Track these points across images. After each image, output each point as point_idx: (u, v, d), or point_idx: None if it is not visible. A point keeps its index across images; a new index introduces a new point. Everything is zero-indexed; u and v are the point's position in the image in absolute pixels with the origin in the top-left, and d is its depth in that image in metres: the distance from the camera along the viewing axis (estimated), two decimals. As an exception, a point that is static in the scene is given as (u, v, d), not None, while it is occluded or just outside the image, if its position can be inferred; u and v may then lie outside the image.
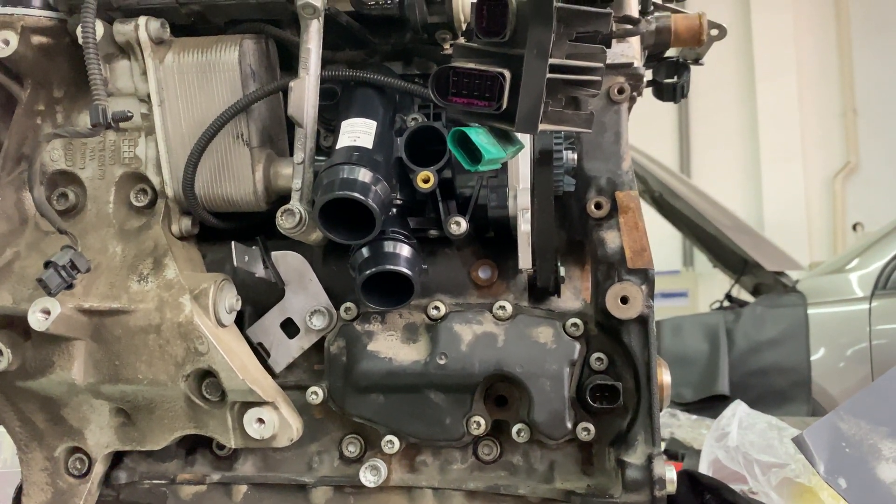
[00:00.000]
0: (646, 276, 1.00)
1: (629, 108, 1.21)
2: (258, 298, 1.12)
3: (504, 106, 0.84)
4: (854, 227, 6.40)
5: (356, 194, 0.93)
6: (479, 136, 0.84)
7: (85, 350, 1.02)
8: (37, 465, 1.11)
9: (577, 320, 1.04)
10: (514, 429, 1.05)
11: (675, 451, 2.22)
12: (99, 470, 1.11)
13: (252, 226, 1.13)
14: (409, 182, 1.02)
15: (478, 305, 1.10)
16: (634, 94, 1.24)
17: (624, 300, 0.99)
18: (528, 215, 1.03)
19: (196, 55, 1.04)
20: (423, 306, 1.08)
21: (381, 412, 1.05)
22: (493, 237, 1.11)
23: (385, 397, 1.05)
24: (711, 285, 5.62)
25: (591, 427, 1.04)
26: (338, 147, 1.01)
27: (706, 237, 3.76)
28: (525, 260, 1.05)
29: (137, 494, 1.14)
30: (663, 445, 3.24)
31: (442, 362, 1.02)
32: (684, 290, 6.31)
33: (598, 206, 1.13)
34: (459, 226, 1.04)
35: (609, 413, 1.04)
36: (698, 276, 6.43)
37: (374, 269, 0.99)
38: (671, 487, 0.98)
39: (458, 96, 0.85)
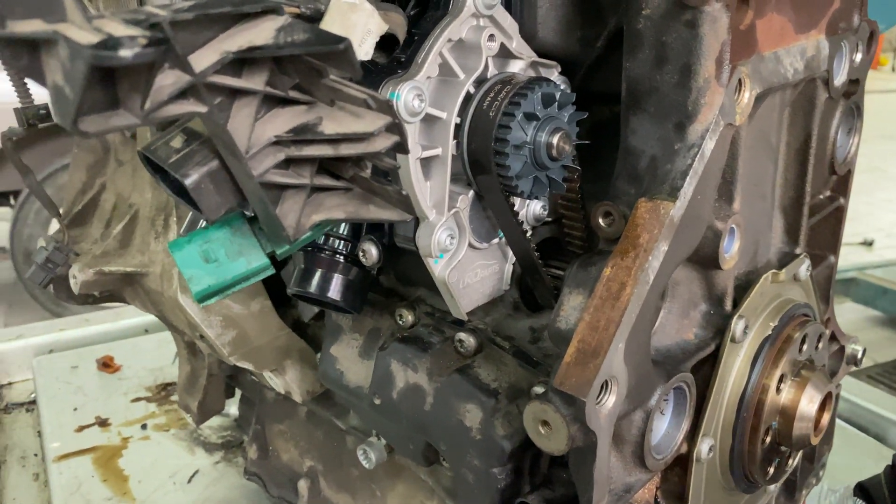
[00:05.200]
0: (574, 406, 0.60)
1: (740, 15, 0.63)
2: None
3: (211, 217, 0.53)
4: None
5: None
6: (198, 251, 0.56)
7: (133, 295, 1.12)
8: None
9: (537, 405, 0.69)
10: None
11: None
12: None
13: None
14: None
15: (447, 325, 0.82)
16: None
17: (545, 424, 0.63)
18: (446, 258, 0.69)
19: None
20: (394, 306, 0.86)
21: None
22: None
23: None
24: None
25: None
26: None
27: None
28: (456, 310, 0.73)
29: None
30: None
31: (377, 402, 0.83)
32: None
33: (608, 216, 0.68)
34: (367, 255, 0.75)
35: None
36: None
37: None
38: None
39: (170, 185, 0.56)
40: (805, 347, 0.84)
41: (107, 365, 1.80)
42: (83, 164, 1.16)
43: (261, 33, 0.45)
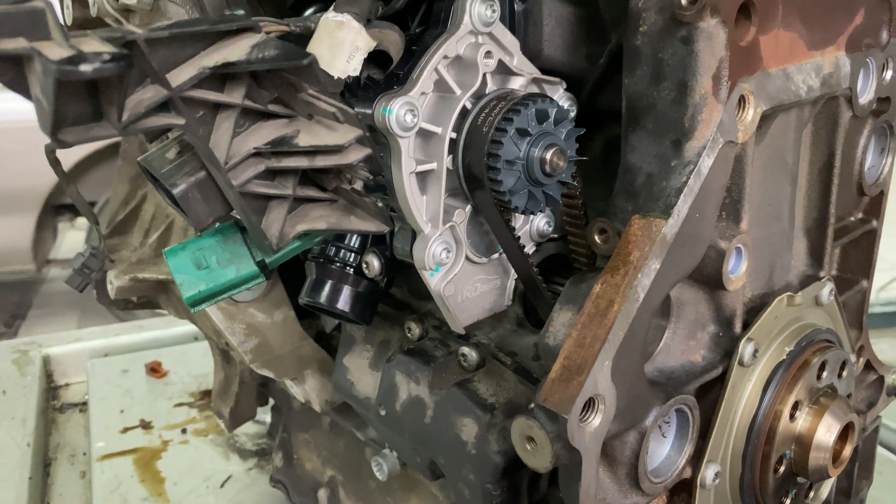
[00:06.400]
0: (558, 423, 0.59)
1: (740, 31, 0.62)
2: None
3: (199, 226, 0.56)
4: None
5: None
6: (191, 258, 0.59)
7: (167, 302, 1.17)
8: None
9: (523, 421, 0.67)
10: None
11: None
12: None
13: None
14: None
15: (453, 339, 0.83)
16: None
17: (531, 441, 0.63)
18: (442, 272, 0.69)
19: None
20: (402, 319, 0.87)
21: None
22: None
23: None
24: None
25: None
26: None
27: None
28: (454, 323, 0.73)
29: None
30: None
31: (382, 413, 0.84)
32: None
33: (603, 233, 0.67)
34: (370, 267, 0.77)
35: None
36: None
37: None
38: None
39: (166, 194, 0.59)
40: (825, 374, 0.81)
41: (154, 370, 1.87)
42: (127, 176, 1.22)
43: (236, 50, 0.47)
